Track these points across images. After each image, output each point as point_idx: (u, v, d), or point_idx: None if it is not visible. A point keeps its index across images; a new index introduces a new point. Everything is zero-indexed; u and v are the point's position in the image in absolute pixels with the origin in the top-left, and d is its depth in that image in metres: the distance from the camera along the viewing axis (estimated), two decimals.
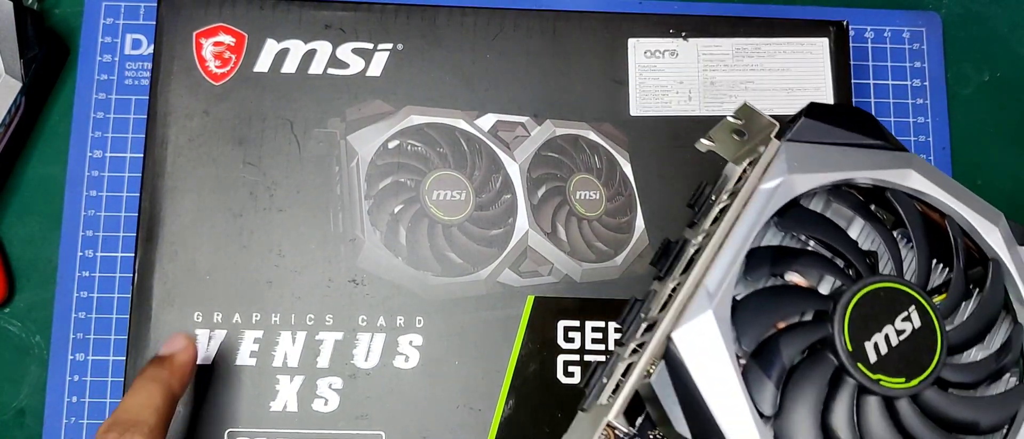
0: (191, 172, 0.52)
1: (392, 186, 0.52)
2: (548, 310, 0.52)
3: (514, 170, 0.53)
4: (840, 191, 0.42)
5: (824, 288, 0.41)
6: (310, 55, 0.53)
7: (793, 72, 0.55)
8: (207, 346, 0.50)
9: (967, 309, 0.43)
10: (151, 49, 0.55)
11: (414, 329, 0.51)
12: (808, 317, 0.40)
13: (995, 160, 0.61)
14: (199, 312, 0.50)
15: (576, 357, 0.51)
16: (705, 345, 0.37)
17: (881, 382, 0.38)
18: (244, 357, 0.50)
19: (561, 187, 0.53)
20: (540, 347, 0.51)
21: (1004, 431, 0.40)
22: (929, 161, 0.60)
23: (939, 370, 0.39)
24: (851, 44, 0.56)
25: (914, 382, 0.38)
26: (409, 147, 0.53)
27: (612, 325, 0.52)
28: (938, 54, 0.62)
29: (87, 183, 0.56)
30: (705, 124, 0.54)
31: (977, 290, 0.43)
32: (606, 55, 0.55)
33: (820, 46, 0.56)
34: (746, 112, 0.44)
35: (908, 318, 0.39)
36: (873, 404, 0.38)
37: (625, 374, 0.40)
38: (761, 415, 0.37)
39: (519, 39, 0.55)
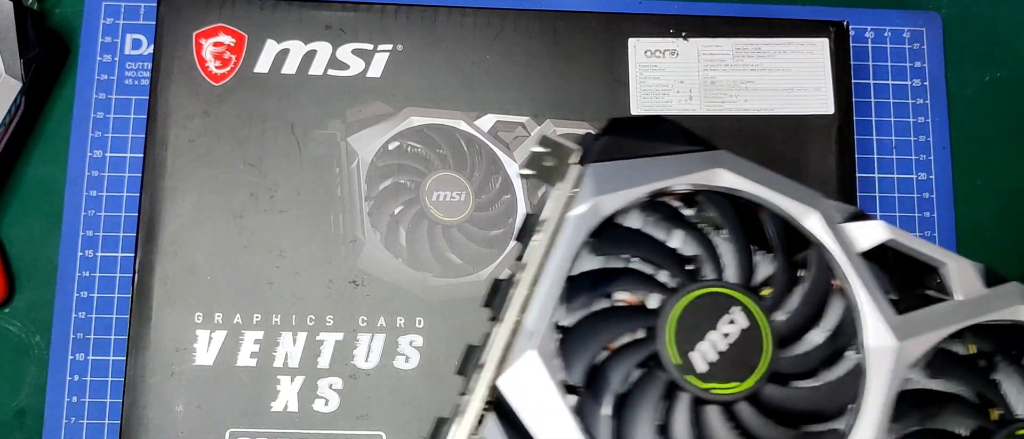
0: (191, 172, 0.52)
1: (392, 187, 0.52)
2: None
3: (514, 170, 0.53)
4: (653, 203, 0.41)
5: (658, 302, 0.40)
6: (310, 56, 0.53)
7: (793, 72, 0.55)
8: (208, 347, 0.50)
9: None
10: (151, 49, 0.55)
11: (414, 330, 0.51)
12: (641, 335, 0.39)
13: (995, 160, 0.61)
14: (199, 313, 0.50)
15: None
16: (533, 386, 0.36)
17: (713, 390, 0.37)
18: (245, 358, 0.50)
19: None
20: None
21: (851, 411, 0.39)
22: (929, 161, 0.60)
23: (772, 366, 0.38)
24: (851, 44, 0.56)
25: (747, 383, 0.38)
26: (409, 148, 0.53)
27: None
28: (938, 54, 0.62)
29: (87, 183, 0.56)
30: (707, 123, 0.54)
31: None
32: (606, 55, 0.55)
33: (820, 46, 0.56)
34: (549, 143, 0.43)
35: (733, 320, 0.38)
36: (712, 413, 0.38)
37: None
38: None
39: (519, 39, 0.54)
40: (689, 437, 0.37)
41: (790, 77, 0.55)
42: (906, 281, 0.42)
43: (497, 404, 0.37)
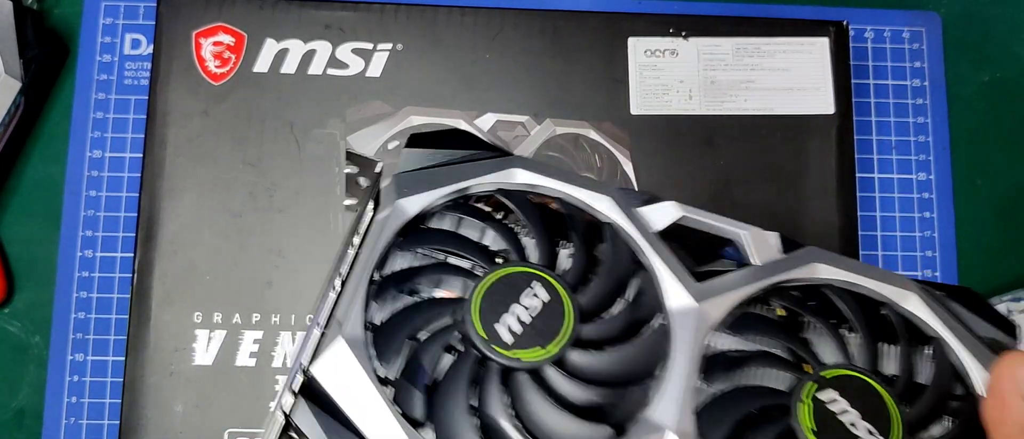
0: (191, 172, 0.52)
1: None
2: None
3: None
4: (464, 205, 0.44)
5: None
6: (310, 55, 0.53)
7: (793, 72, 0.55)
8: (207, 347, 0.50)
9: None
10: (151, 49, 0.55)
11: None
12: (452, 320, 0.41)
13: (995, 160, 0.61)
14: (199, 312, 0.50)
15: None
16: (344, 371, 0.38)
17: (520, 358, 0.39)
18: (244, 358, 0.50)
19: None
20: None
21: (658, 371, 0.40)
22: (928, 161, 0.60)
23: (576, 332, 0.40)
24: (851, 44, 0.56)
25: (551, 349, 0.39)
26: None
27: None
28: (938, 54, 0.62)
29: (87, 183, 0.56)
30: (706, 123, 0.54)
31: None
32: (606, 54, 0.55)
33: (820, 46, 0.56)
34: (355, 160, 0.47)
35: (535, 295, 0.40)
36: (521, 380, 0.39)
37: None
38: (416, 423, 0.38)
39: (519, 39, 0.54)
40: (500, 404, 0.39)
41: (790, 77, 0.55)
42: (708, 257, 0.44)
43: (309, 390, 0.38)
